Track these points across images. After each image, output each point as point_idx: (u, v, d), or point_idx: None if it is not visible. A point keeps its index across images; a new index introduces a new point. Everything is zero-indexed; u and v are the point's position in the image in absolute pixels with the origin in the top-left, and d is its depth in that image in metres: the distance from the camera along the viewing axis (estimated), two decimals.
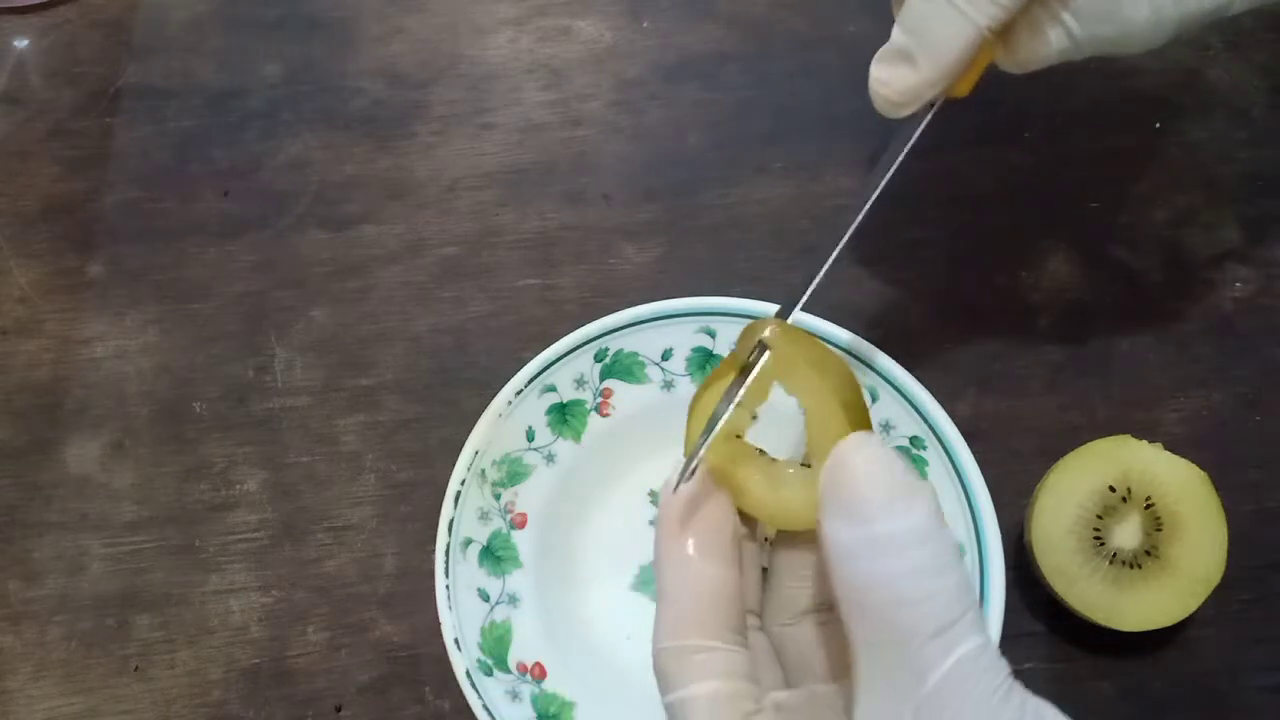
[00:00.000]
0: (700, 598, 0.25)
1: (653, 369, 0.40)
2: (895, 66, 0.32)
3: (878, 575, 0.22)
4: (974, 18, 0.30)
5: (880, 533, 0.22)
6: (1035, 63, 0.32)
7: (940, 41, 0.31)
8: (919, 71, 0.31)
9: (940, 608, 0.21)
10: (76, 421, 0.44)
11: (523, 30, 0.51)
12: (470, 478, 0.38)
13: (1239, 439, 0.42)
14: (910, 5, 0.31)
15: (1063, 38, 0.31)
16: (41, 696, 0.39)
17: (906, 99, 0.32)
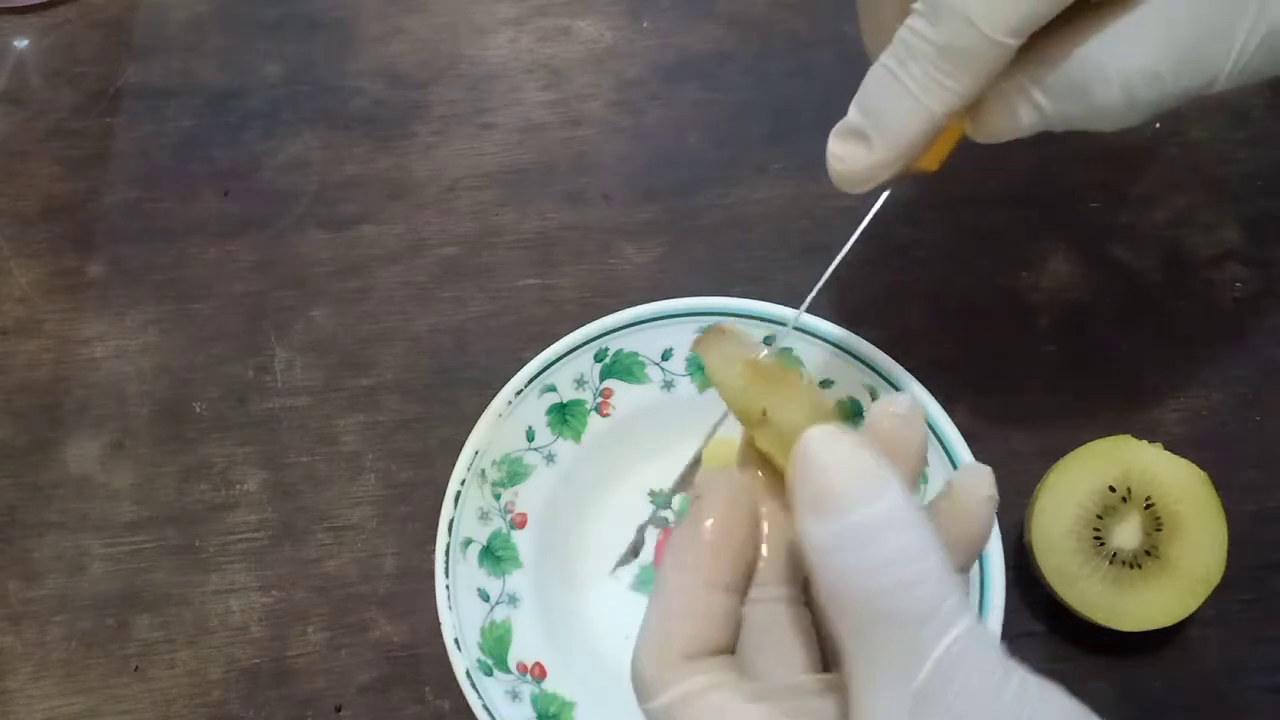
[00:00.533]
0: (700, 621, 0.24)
1: (653, 369, 0.41)
2: (850, 144, 0.32)
3: (858, 567, 0.21)
4: (927, 103, 0.29)
5: (854, 523, 0.21)
6: (1004, 136, 0.31)
7: (893, 123, 0.30)
8: (874, 152, 0.31)
9: (926, 592, 0.21)
10: (76, 421, 0.44)
11: (523, 30, 0.51)
12: (470, 478, 0.38)
13: (1239, 439, 0.42)
14: (866, 84, 0.31)
15: (1032, 112, 0.30)
16: (41, 696, 0.39)
17: (861, 178, 0.32)
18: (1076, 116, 0.30)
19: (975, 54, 0.28)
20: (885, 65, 0.30)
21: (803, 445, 0.23)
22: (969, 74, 0.29)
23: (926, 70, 0.29)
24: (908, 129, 0.30)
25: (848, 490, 0.21)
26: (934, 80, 0.29)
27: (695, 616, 0.24)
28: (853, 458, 0.22)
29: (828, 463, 0.22)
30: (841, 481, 0.22)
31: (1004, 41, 0.28)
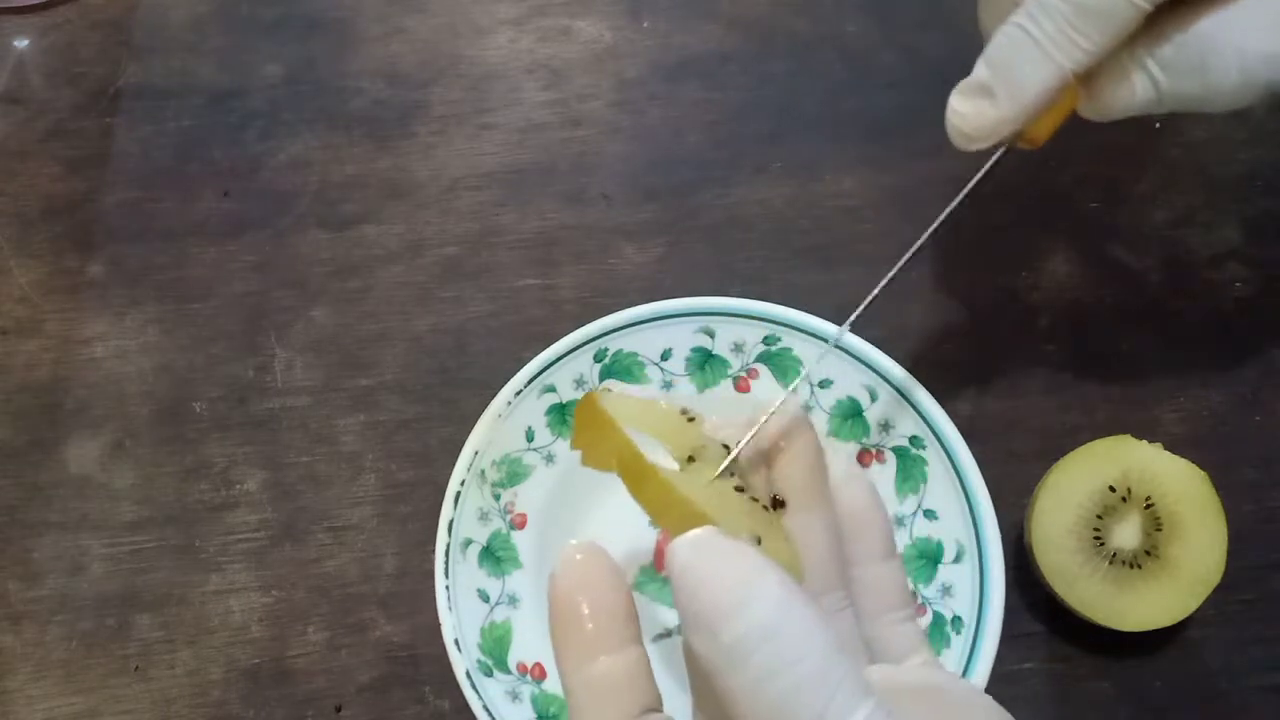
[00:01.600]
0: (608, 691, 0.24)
1: (652, 369, 0.41)
2: (974, 100, 0.32)
3: (741, 687, 0.21)
4: (1058, 59, 0.30)
5: (729, 641, 0.21)
6: (1117, 112, 0.31)
7: (1022, 79, 0.31)
8: (998, 107, 0.31)
9: (810, 697, 0.20)
10: (76, 421, 0.44)
11: (523, 30, 0.51)
12: (470, 478, 0.38)
13: (1239, 439, 0.42)
14: (996, 41, 0.31)
15: (1148, 88, 0.30)
16: (41, 696, 0.39)
17: (981, 134, 0.32)
18: (1190, 95, 0.30)
19: (1111, 13, 0.29)
20: (1017, 23, 0.30)
21: (669, 562, 0.22)
22: (1102, 33, 0.29)
23: (1061, 27, 0.29)
24: (1035, 84, 0.30)
25: (715, 607, 0.21)
26: (1067, 37, 0.29)
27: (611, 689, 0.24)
28: (715, 568, 0.22)
29: (693, 581, 0.22)
30: (708, 599, 0.21)
31: (1139, 3, 0.29)
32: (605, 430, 0.26)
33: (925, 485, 0.38)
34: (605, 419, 0.26)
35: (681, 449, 0.26)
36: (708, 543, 0.22)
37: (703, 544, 0.22)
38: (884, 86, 0.49)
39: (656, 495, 0.25)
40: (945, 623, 0.37)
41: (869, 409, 0.39)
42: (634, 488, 0.26)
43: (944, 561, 0.38)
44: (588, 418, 0.27)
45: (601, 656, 0.24)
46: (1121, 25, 0.29)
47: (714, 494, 0.26)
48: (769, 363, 0.40)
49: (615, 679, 0.24)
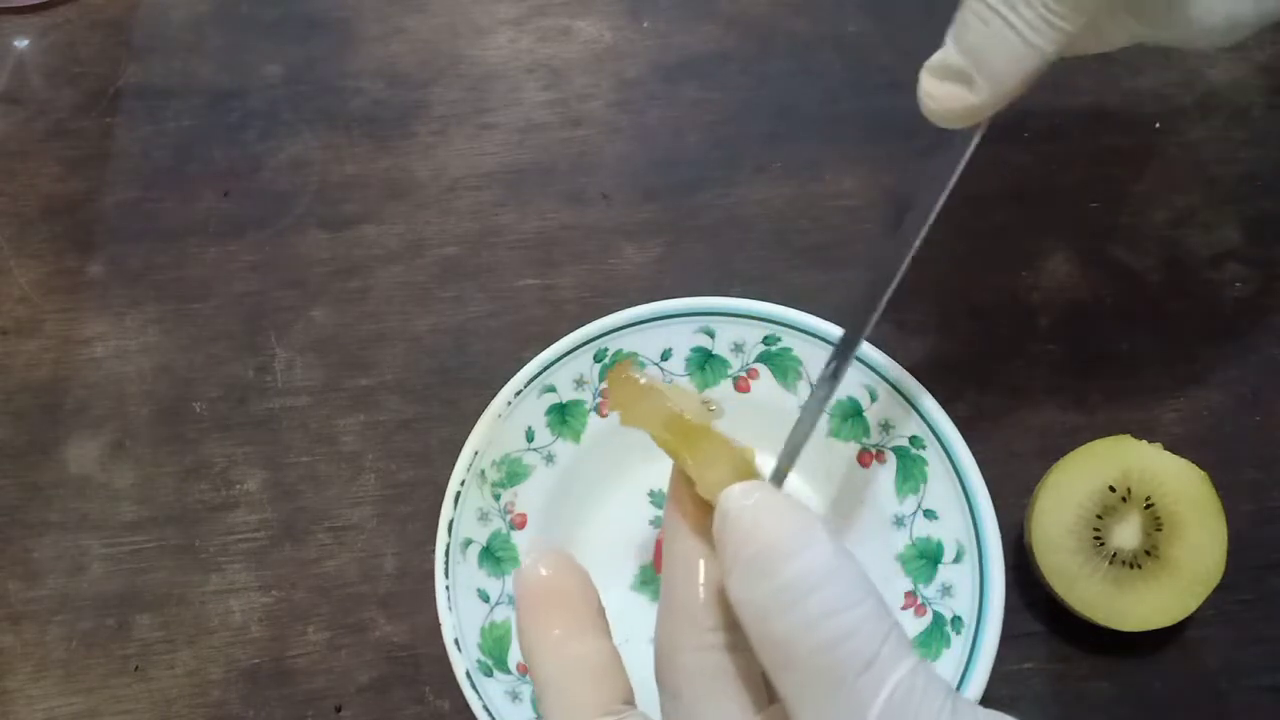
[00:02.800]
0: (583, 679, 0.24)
1: (652, 369, 0.40)
2: (949, 84, 0.30)
3: (794, 626, 0.21)
4: (1039, 44, 0.28)
5: (785, 582, 0.21)
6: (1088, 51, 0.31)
7: (1000, 65, 0.29)
8: (977, 93, 0.30)
9: (862, 641, 0.20)
10: (76, 421, 0.44)
11: (523, 30, 0.51)
12: (470, 478, 0.38)
13: (1239, 439, 0.42)
14: (966, 22, 0.30)
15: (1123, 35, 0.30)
16: (41, 696, 0.39)
17: (958, 119, 0.31)
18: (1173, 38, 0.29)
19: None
20: (989, 4, 0.29)
21: (721, 507, 0.23)
22: (1083, 13, 0.28)
23: (1038, 11, 0.28)
24: (1016, 71, 0.29)
25: (772, 549, 0.21)
26: (1045, 21, 0.28)
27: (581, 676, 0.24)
28: (773, 513, 0.22)
29: (748, 524, 0.22)
30: (764, 541, 0.21)
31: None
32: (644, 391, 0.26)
33: (925, 485, 0.38)
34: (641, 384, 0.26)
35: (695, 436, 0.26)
36: (764, 490, 0.22)
37: (758, 491, 0.22)
38: (884, 86, 0.49)
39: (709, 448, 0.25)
40: (945, 623, 0.37)
41: (869, 409, 0.39)
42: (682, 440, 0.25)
43: (944, 561, 0.37)
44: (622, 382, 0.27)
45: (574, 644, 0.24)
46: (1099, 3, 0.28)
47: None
48: (769, 363, 0.40)
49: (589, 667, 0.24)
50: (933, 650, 0.36)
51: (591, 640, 0.24)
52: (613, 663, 0.24)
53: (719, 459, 0.25)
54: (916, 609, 0.37)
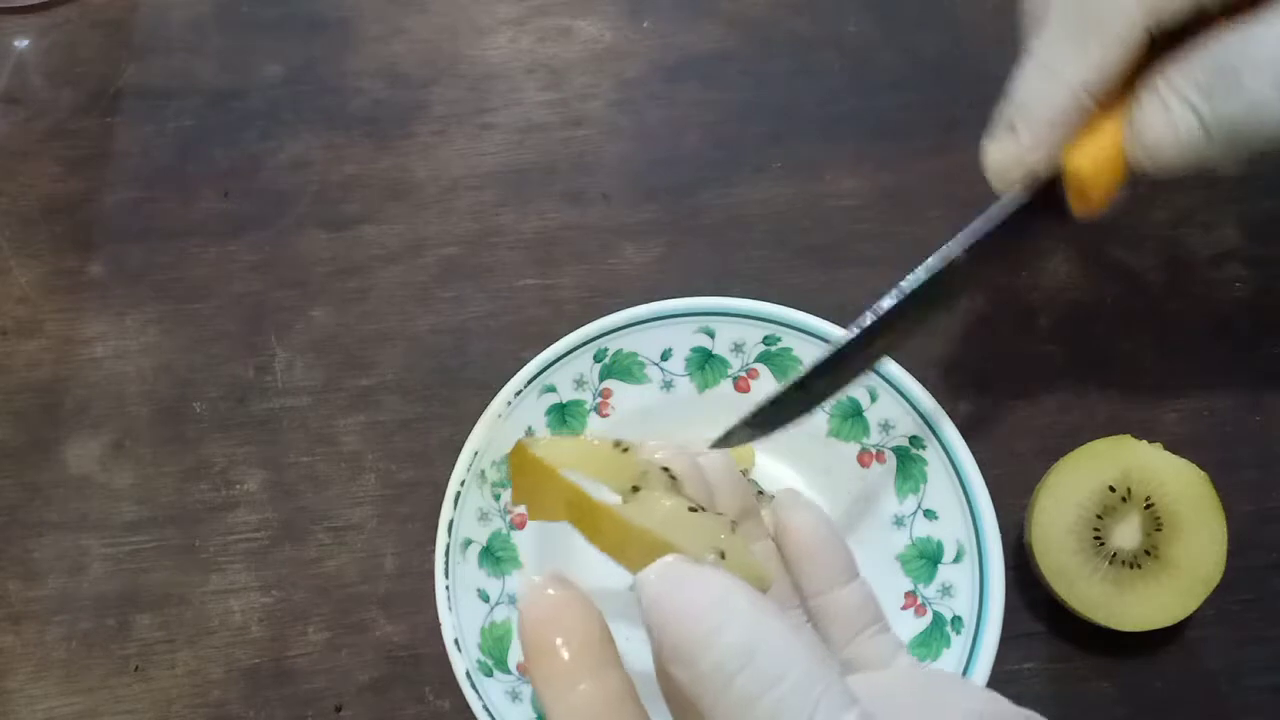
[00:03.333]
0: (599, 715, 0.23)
1: (652, 369, 0.41)
2: (1000, 139, 0.32)
3: (725, 713, 0.21)
4: (1065, 75, 0.30)
5: (703, 672, 0.21)
6: (1166, 151, 0.30)
7: (1035, 104, 0.31)
8: (1018, 138, 0.31)
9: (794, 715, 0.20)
10: (76, 421, 0.44)
11: (523, 30, 0.51)
12: (470, 478, 0.38)
13: (1239, 439, 0.42)
14: (1014, 80, 0.32)
15: (1189, 117, 0.29)
16: (41, 696, 0.39)
17: (1006, 167, 0.32)
18: (1234, 117, 0.29)
19: (1104, 19, 0.29)
20: (1031, 54, 0.31)
21: (638, 593, 0.22)
22: (1098, 39, 0.29)
23: (1059, 43, 0.30)
24: (1048, 106, 0.30)
25: (687, 640, 0.21)
26: (1065, 50, 0.30)
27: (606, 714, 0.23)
28: (681, 598, 0.22)
29: (660, 613, 0.22)
30: (678, 631, 0.21)
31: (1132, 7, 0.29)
32: (544, 478, 0.26)
33: (925, 485, 0.38)
34: (542, 466, 0.25)
35: (622, 482, 0.26)
36: (673, 571, 0.22)
37: (668, 573, 0.22)
38: (884, 86, 0.49)
39: (613, 533, 0.24)
40: (945, 623, 0.37)
41: (869, 409, 0.39)
42: (588, 531, 0.25)
43: (944, 561, 0.38)
44: (523, 467, 0.26)
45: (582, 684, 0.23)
46: (1119, 34, 0.29)
47: (670, 518, 0.25)
48: (769, 363, 0.40)
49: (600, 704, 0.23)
50: (933, 650, 0.36)
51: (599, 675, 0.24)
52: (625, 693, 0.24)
53: (623, 540, 0.24)
54: (916, 609, 0.37)
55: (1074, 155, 0.31)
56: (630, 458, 0.27)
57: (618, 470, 0.26)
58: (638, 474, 0.26)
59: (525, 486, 0.26)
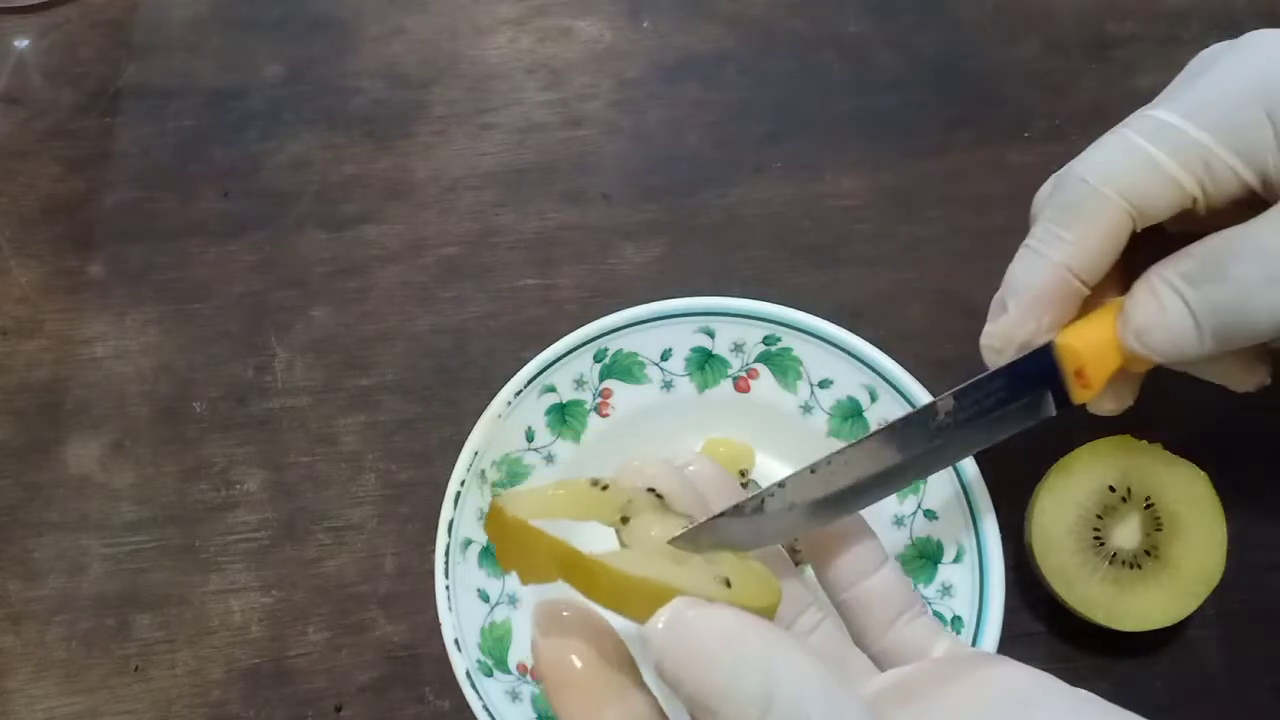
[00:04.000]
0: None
1: (652, 369, 0.40)
2: (994, 318, 0.34)
3: None
4: (1046, 253, 0.32)
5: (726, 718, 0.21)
6: (1157, 339, 0.31)
7: (1022, 281, 0.33)
8: (1009, 312, 0.33)
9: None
10: (76, 421, 0.44)
11: (523, 30, 0.51)
12: (470, 478, 0.38)
13: (1239, 439, 0.42)
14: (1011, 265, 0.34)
15: (1179, 305, 0.31)
16: (41, 696, 0.39)
17: (996, 341, 0.34)
18: (1224, 307, 0.30)
19: (1085, 207, 0.32)
20: (1025, 243, 0.34)
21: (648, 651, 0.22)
22: (1079, 224, 0.32)
23: (1046, 228, 0.33)
24: (1033, 283, 0.33)
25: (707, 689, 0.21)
26: (1051, 234, 0.32)
27: None
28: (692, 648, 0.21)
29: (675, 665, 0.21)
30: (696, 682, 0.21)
31: (1110, 196, 0.31)
32: (528, 539, 0.24)
33: (925, 485, 0.38)
34: (523, 528, 0.24)
35: (609, 516, 0.26)
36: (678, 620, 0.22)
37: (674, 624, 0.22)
38: (884, 86, 0.49)
39: (611, 587, 0.23)
40: (945, 623, 0.37)
41: (869, 409, 0.39)
42: (584, 587, 0.24)
43: (944, 561, 0.38)
44: (504, 532, 0.25)
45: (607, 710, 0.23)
46: (1099, 219, 0.31)
47: (668, 557, 0.25)
48: (769, 363, 0.40)
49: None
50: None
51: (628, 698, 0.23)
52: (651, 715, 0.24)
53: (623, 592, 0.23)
54: None
55: (1065, 334, 0.33)
56: (610, 493, 0.26)
57: (601, 507, 0.26)
58: (623, 504, 0.26)
59: (510, 552, 0.25)
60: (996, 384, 0.32)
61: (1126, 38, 0.50)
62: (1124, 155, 0.32)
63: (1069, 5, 0.51)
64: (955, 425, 0.32)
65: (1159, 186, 0.31)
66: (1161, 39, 0.50)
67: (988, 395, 0.33)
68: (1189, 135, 0.31)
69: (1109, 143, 0.33)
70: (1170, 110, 0.32)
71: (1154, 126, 0.32)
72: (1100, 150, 0.33)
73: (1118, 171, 0.32)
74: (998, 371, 0.33)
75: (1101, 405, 0.35)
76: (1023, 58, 0.50)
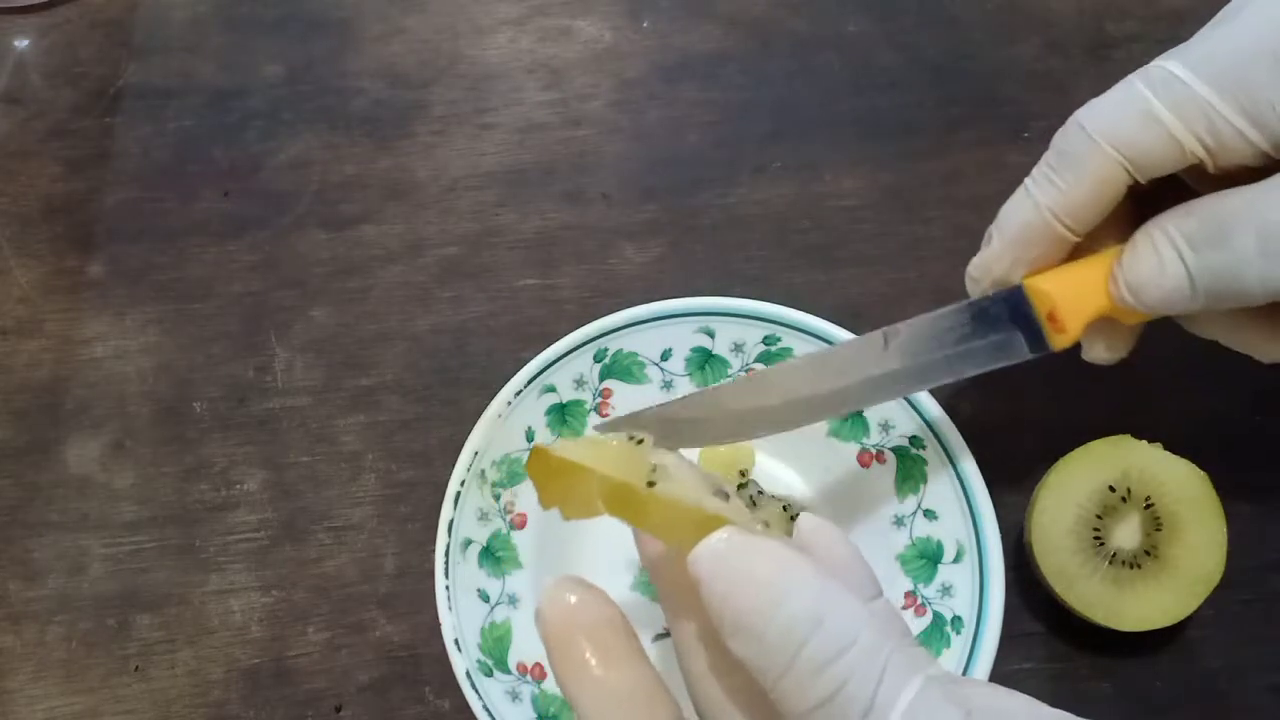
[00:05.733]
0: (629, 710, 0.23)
1: (652, 369, 0.41)
2: (982, 249, 0.34)
3: (788, 687, 0.21)
4: (1036, 196, 0.32)
5: (770, 644, 0.21)
6: (1149, 291, 0.31)
7: (1008, 218, 0.33)
8: (991, 247, 0.34)
9: (856, 687, 0.20)
10: (77, 421, 0.44)
11: (523, 30, 0.51)
12: (470, 478, 0.38)
13: (1239, 439, 0.42)
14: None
15: (1175, 262, 0.30)
16: (42, 696, 0.39)
17: (976, 271, 0.34)
18: (1219, 269, 0.30)
19: (1078, 155, 0.31)
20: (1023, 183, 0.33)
21: (693, 573, 0.22)
22: (1072, 172, 0.31)
23: (1042, 170, 0.32)
24: (1016, 219, 0.33)
25: (751, 612, 0.21)
26: (1045, 176, 0.32)
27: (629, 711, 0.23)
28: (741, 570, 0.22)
29: (721, 588, 0.22)
30: (740, 604, 0.21)
31: (1104, 148, 0.30)
32: (575, 477, 0.25)
33: (925, 485, 0.38)
34: (570, 465, 0.25)
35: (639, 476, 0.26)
36: (732, 543, 0.22)
37: (727, 546, 0.22)
38: (884, 86, 0.49)
39: (662, 513, 0.24)
40: (945, 623, 0.37)
41: (869, 409, 0.39)
42: (632, 517, 0.25)
43: (944, 561, 0.38)
44: (547, 469, 0.26)
45: (614, 673, 0.23)
46: (1092, 170, 0.31)
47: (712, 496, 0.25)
48: (769, 362, 0.40)
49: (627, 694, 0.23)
50: (932, 650, 0.36)
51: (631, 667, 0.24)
52: (656, 688, 0.24)
53: (672, 520, 0.24)
54: (916, 609, 0.37)
55: (1038, 277, 0.33)
56: (644, 450, 0.27)
57: (634, 465, 0.26)
58: (651, 468, 0.26)
59: (555, 489, 0.26)
60: (960, 318, 0.33)
61: (1126, 38, 0.50)
62: (1124, 107, 0.31)
63: (1069, 5, 0.51)
64: (913, 353, 0.33)
65: (1156, 142, 0.30)
66: (1161, 39, 0.50)
67: (950, 328, 0.33)
68: (1192, 90, 0.29)
69: (1115, 91, 0.32)
70: (1180, 61, 0.30)
71: (1160, 78, 0.30)
72: (1105, 98, 0.32)
73: (1115, 123, 0.31)
74: (961, 305, 0.33)
75: (1094, 353, 0.34)
76: (1023, 58, 0.50)
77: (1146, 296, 0.31)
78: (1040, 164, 0.33)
